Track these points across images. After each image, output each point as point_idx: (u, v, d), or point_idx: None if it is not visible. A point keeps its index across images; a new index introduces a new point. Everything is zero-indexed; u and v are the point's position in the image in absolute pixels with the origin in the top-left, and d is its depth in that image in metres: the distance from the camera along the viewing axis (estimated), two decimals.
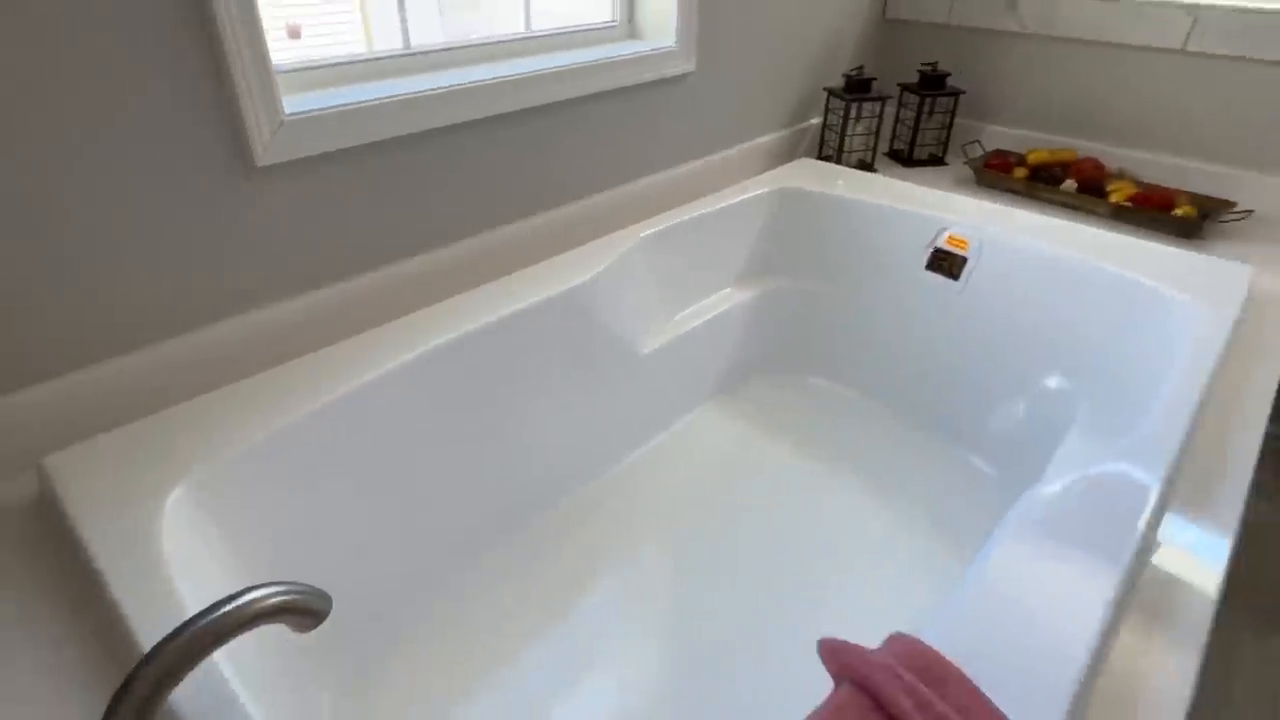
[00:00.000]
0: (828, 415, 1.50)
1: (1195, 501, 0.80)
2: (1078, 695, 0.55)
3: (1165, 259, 1.24)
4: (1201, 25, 1.50)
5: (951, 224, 1.41)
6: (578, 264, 1.22)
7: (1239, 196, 1.53)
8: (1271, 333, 1.12)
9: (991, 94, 1.81)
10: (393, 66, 1.06)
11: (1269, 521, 1.44)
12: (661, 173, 1.44)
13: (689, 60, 1.37)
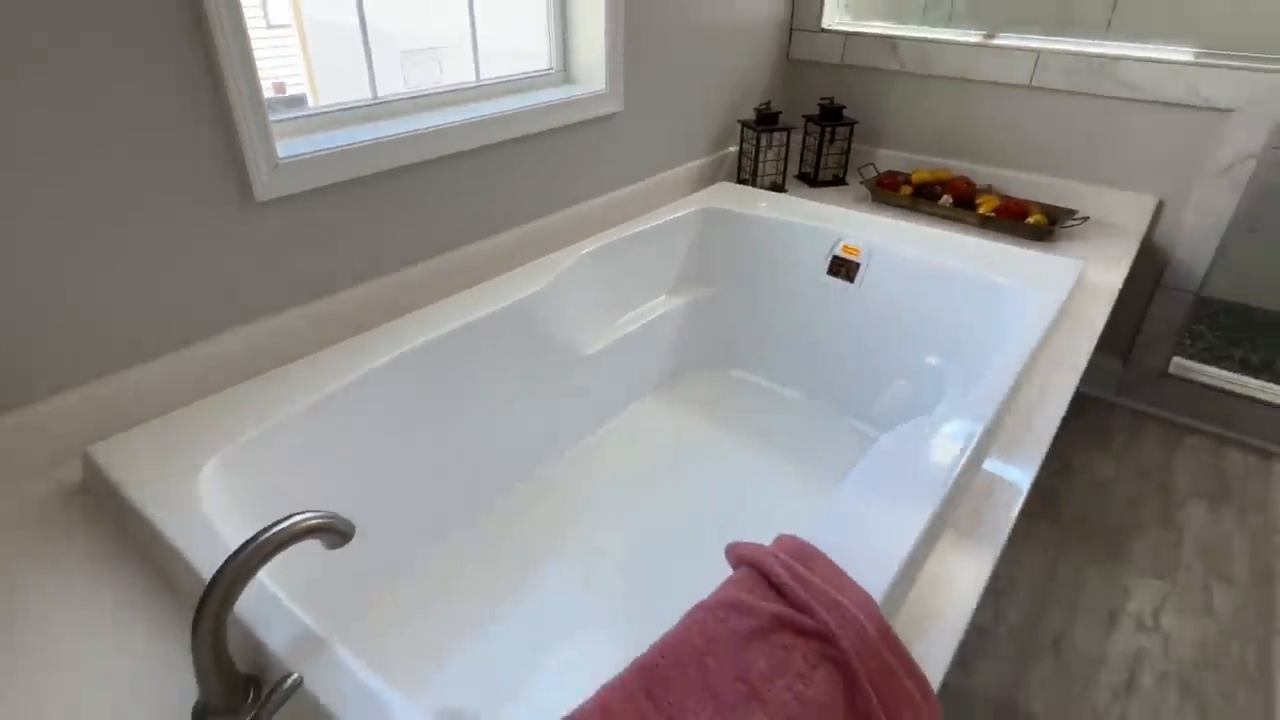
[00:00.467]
0: (750, 401, 1.73)
1: (1012, 442, 1.04)
2: (902, 567, 0.76)
3: (1018, 259, 1.52)
4: (1042, 65, 1.80)
5: (847, 235, 1.66)
6: (528, 278, 1.42)
7: (1079, 205, 1.83)
8: (1091, 309, 1.39)
9: (881, 123, 2.10)
10: (365, 114, 1.25)
11: (1115, 477, 1.72)
12: (599, 198, 1.65)
13: (618, 101, 1.59)
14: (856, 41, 2.05)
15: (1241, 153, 1.63)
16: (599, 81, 1.55)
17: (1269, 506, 1.64)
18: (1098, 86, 1.75)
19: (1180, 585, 1.44)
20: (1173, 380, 1.91)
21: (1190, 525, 1.58)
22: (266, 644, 0.68)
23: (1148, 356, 1.92)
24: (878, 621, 0.68)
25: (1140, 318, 1.89)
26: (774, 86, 2.14)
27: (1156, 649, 1.31)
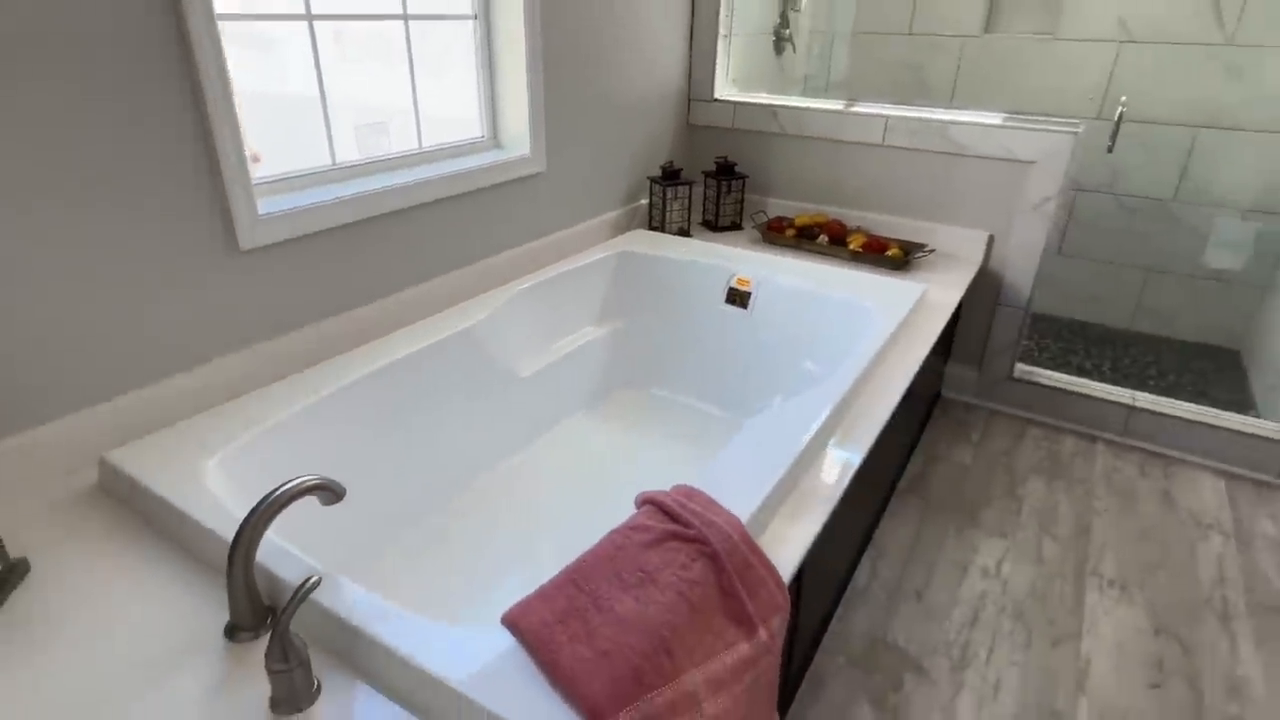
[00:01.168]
0: (667, 413, 1.99)
1: (852, 429, 1.34)
2: (763, 501, 1.03)
3: (876, 284, 1.86)
4: (890, 128, 2.20)
5: (740, 270, 1.98)
6: (471, 311, 1.67)
7: (928, 240, 2.21)
8: (932, 320, 1.73)
9: (769, 176, 2.46)
10: (327, 178, 1.49)
11: (972, 463, 2.06)
12: (529, 243, 1.92)
13: (541, 163, 1.88)
14: (744, 109, 2.42)
15: (1043, 195, 2.04)
16: (524, 147, 1.84)
17: (1089, 479, 2.00)
18: (934, 144, 2.15)
19: (1018, 541, 1.76)
20: (1018, 383, 2.29)
21: (1029, 496, 1.92)
22: (281, 577, 0.89)
23: (996, 364, 2.29)
24: (740, 532, 0.94)
25: (987, 332, 2.27)
26: (677, 147, 2.49)
27: (997, 590, 1.61)
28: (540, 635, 0.79)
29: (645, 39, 2.17)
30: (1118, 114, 2.06)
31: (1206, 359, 2.65)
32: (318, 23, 1.41)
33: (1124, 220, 2.74)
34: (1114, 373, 2.54)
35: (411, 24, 1.62)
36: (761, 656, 0.87)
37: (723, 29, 2.37)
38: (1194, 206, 2.62)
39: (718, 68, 2.42)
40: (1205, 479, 2.01)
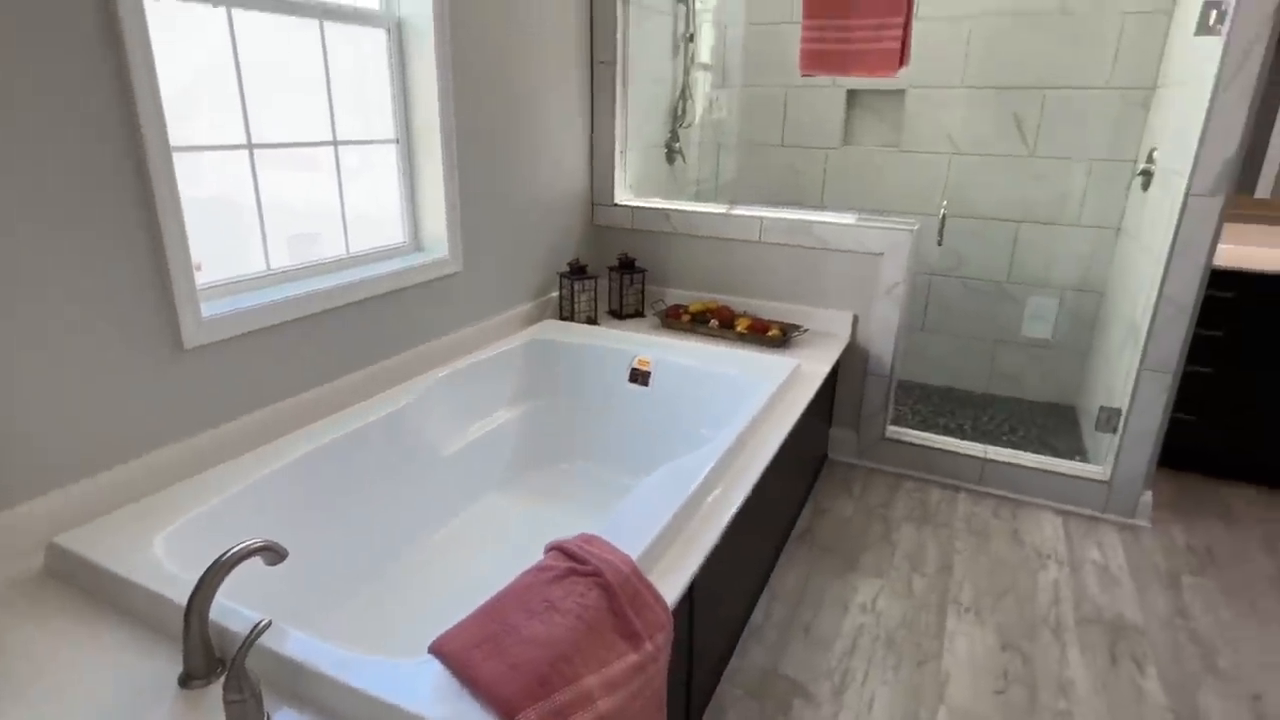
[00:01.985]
0: (577, 483, 2.18)
1: (734, 480, 1.57)
2: (651, 543, 1.24)
3: (757, 361, 2.14)
4: (766, 227, 2.55)
5: (641, 352, 2.23)
6: (396, 397, 1.84)
7: (804, 321, 2.55)
8: (803, 390, 2.02)
9: (666, 270, 2.77)
10: (265, 282, 1.67)
11: (853, 514, 2.32)
12: (449, 334, 2.12)
13: (458, 264, 2.11)
14: (641, 212, 2.74)
15: (893, 281, 2.41)
16: (443, 250, 2.07)
17: (952, 523, 2.29)
18: (803, 240, 2.51)
19: (891, 580, 2.01)
20: (891, 443, 2.60)
21: (901, 541, 2.19)
22: (230, 629, 1.02)
23: (871, 427, 2.60)
24: (630, 566, 1.14)
25: (860, 399, 2.59)
26: (584, 245, 2.78)
27: (873, 623, 1.84)
28: (461, 657, 0.96)
29: (552, 153, 2.48)
30: (940, 215, 2.49)
31: (1049, 415, 3.06)
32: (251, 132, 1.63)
33: (971, 299, 3.19)
34: (974, 431, 2.91)
35: (341, 145, 1.85)
36: (648, 664, 1.05)
37: (619, 145, 2.72)
38: (1024, 286, 3.09)
39: (616, 176, 2.76)
40: (1046, 517, 2.33)
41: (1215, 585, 2.02)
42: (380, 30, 1.89)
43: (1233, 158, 1.94)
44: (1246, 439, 2.52)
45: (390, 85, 1.94)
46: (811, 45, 2.36)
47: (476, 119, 2.10)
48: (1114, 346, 2.59)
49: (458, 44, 1.97)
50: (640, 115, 2.85)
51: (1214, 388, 2.50)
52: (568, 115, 2.55)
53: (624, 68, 2.64)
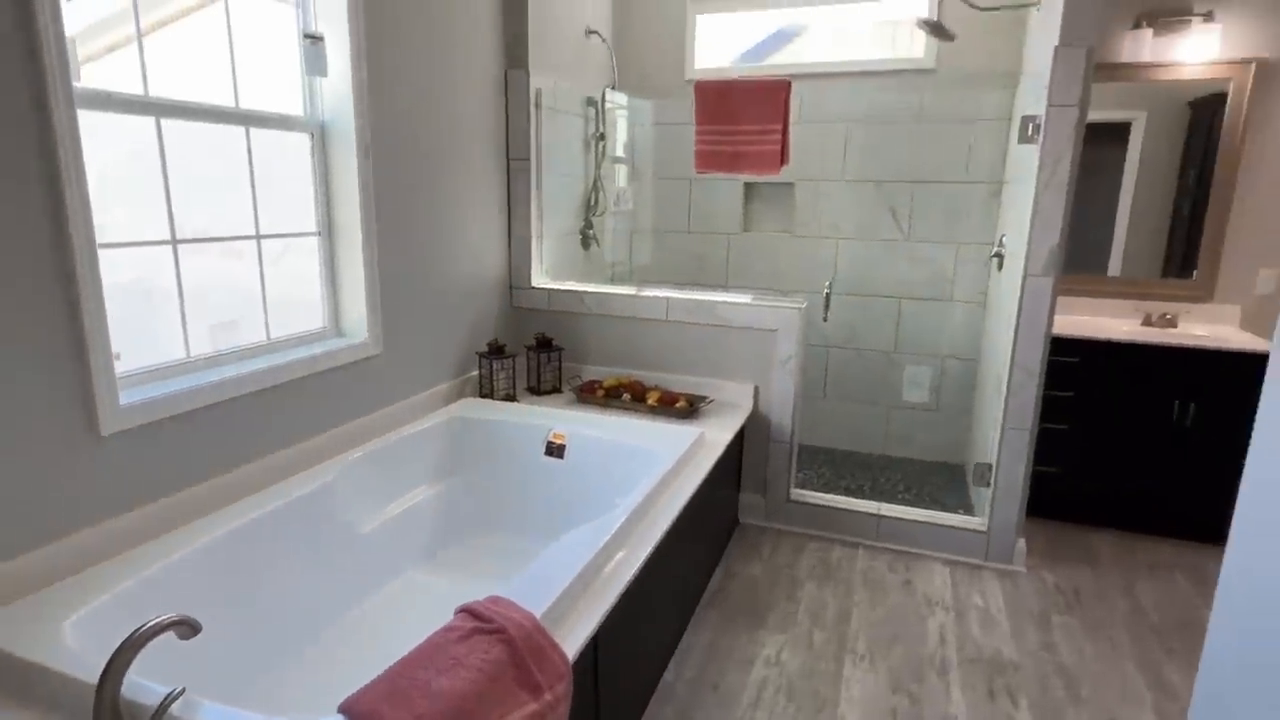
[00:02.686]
0: (496, 555, 2.25)
1: (638, 543, 1.70)
2: (553, 603, 1.34)
3: (666, 431, 2.30)
4: (672, 307, 2.77)
5: (557, 426, 2.36)
6: (314, 477, 1.90)
7: (710, 393, 2.74)
8: (702, 459, 2.18)
9: (582, 347, 2.94)
10: (183, 369, 1.73)
11: (761, 575, 2.46)
12: (370, 414, 2.20)
13: (378, 347, 2.22)
14: (557, 294, 2.92)
15: (788, 354, 2.64)
16: (363, 334, 2.18)
17: (851, 578, 2.45)
18: (706, 318, 2.73)
19: (794, 635, 2.14)
20: (796, 505, 2.78)
21: (805, 598, 2.33)
22: (145, 703, 1.06)
23: (776, 490, 2.78)
24: (533, 623, 1.24)
25: (766, 465, 2.77)
26: (503, 325, 2.93)
27: (776, 675, 1.95)
28: (370, 712, 1.03)
29: (471, 241, 2.65)
30: (825, 294, 2.77)
31: (940, 473, 3.32)
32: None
33: (864, 368, 3.47)
34: (873, 490, 3.13)
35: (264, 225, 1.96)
36: (548, 712, 1.14)
37: (535, 232, 2.92)
38: (909, 355, 3.40)
39: (533, 262, 2.94)
40: (936, 567, 2.53)
41: (1079, 623, 2.23)
42: (304, 134, 2.05)
43: (1056, 245, 2.28)
44: (1104, 488, 2.81)
45: (313, 182, 2.08)
46: (704, 147, 2.64)
47: (397, 211, 2.25)
48: (985, 408, 2.88)
49: (378, 144, 2.14)
50: (555, 205, 3.07)
51: (1071, 443, 2.81)
52: (486, 206, 2.74)
53: (538, 164, 2.87)
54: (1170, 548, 2.72)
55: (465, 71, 2.52)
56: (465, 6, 2.48)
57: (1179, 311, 2.97)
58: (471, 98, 2.57)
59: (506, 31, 2.73)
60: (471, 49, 2.55)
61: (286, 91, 2.02)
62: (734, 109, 2.58)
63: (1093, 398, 2.75)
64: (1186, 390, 2.64)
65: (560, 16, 2.99)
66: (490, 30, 2.65)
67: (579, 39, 3.18)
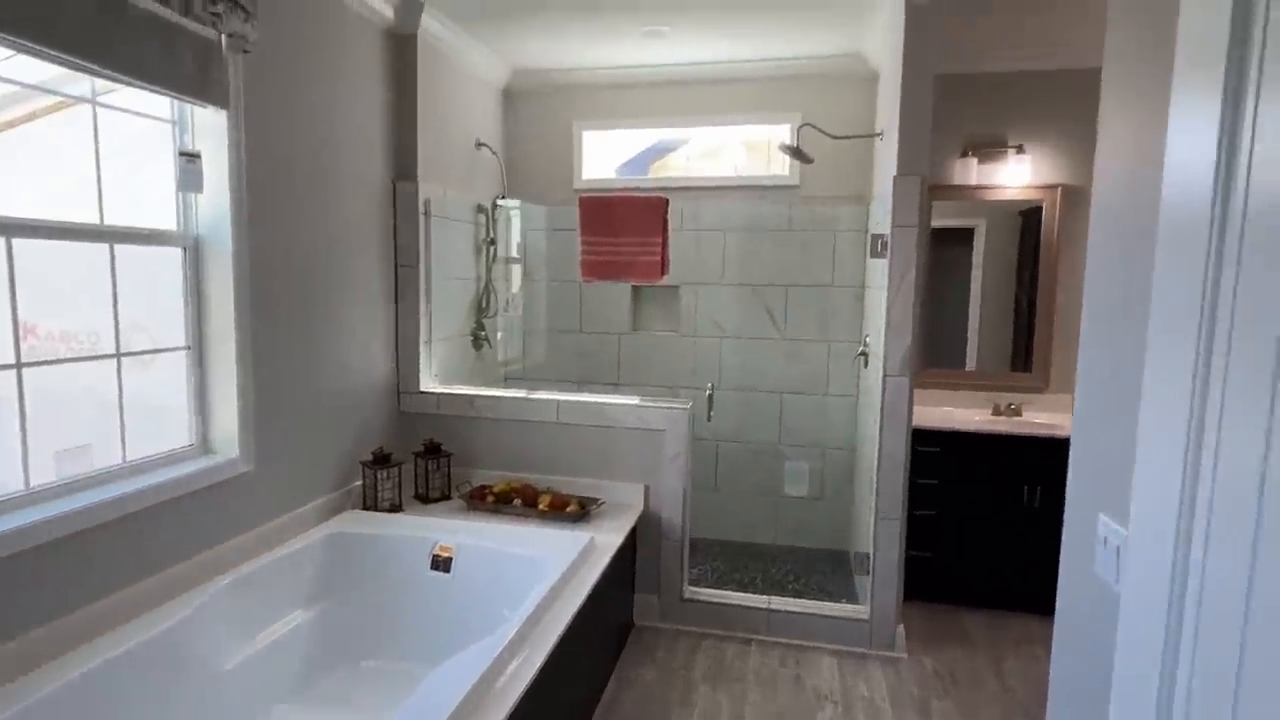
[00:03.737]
0: (376, 682, 2.12)
1: (526, 657, 1.67)
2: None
3: (555, 538, 2.29)
4: (562, 409, 2.81)
5: (443, 539, 2.30)
6: (177, 608, 1.75)
7: (602, 494, 2.76)
8: (592, 565, 2.18)
9: (473, 451, 2.91)
10: (29, 500, 1.59)
11: (656, 679, 2.44)
12: (240, 537, 2.07)
13: (250, 463, 2.12)
14: (447, 398, 2.91)
15: (675, 452, 2.72)
16: (233, 450, 2.08)
17: (744, 676, 2.47)
18: (596, 420, 2.79)
19: None
20: (690, 603, 2.79)
21: (699, 701, 2.32)
22: None
23: (670, 590, 2.79)
24: None
25: (659, 564, 2.79)
26: (390, 432, 2.86)
27: None
28: None
29: (357, 348, 2.61)
30: (708, 395, 2.90)
31: (828, 562, 3.44)
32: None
33: (753, 461, 3.60)
34: (765, 582, 3.19)
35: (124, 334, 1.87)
36: None
37: (424, 337, 2.92)
38: (794, 447, 3.56)
39: (422, 366, 2.92)
40: (824, 659, 2.59)
41: (956, 707, 2.34)
42: (176, 249, 2.00)
43: (908, 348, 2.51)
44: (972, 570, 3.01)
45: (183, 297, 2.02)
46: (589, 258, 2.77)
47: (277, 321, 2.20)
48: (863, 496, 3.05)
49: (258, 255, 2.11)
50: (446, 308, 3.09)
51: (940, 528, 3.00)
52: (373, 313, 2.72)
53: (427, 269, 2.90)
54: (1035, 623, 2.91)
55: (353, 182, 2.56)
56: (353, 121, 2.55)
57: (1022, 401, 3.29)
58: (359, 208, 2.60)
59: (395, 144, 2.81)
60: (359, 161, 2.60)
61: (158, 205, 1.98)
62: (616, 222, 2.74)
63: (955, 485, 2.97)
64: (1033, 474, 2.90)
65: (450, 129, 3.11)
66: (379, 143, 2.72)
67: (469, 150, 3.30)
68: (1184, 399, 0.80)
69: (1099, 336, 1.15)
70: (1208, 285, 0.75)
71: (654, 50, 3.18)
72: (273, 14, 2.12)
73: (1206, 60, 0.75)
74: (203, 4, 1.76)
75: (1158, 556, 0.85)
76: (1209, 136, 0.73)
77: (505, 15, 2.85)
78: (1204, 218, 0.75)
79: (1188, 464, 0.81)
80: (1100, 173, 1.15)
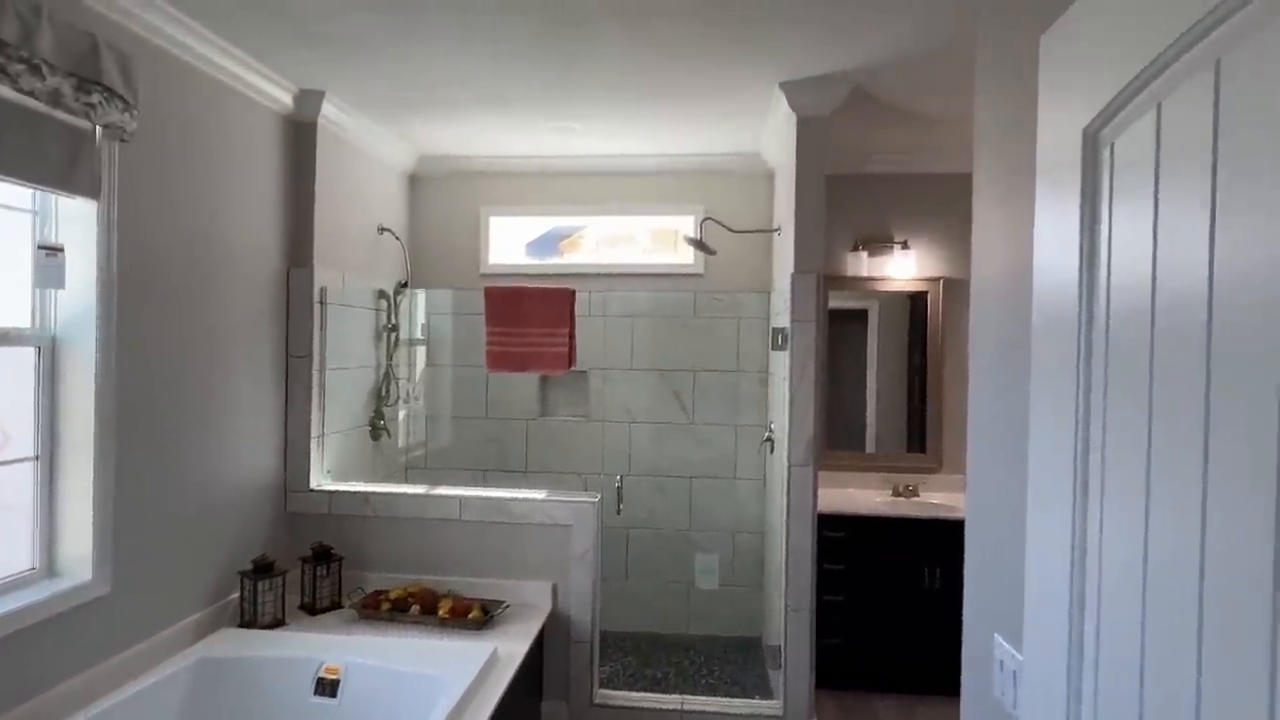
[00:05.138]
0: None
1: None
2: None
3: (456, 651, 2.14)
4: (465, 505, 2.68)
5: (329, 658, 2.11)
6: None
7: (507, 596, 2.62)
8: (496, 679, 2.04)
9: (367, 554, 2.72)
10: None
11: None
12: (93, 668, 1.82)
13: (105, 585, 1.88)
14: (339, 497, 2.72)
15: (584, 548, 2.64)
16: (85, 573, 1.84)
17: None
18: (501, 516, 2.67)
19: None
20: (600, 708, 2.66)
21: None
22: None
23: (580, 695, 2.66)
24: None
25: (567, 668, 2.66)
26: (273, 537, 2.64)
27: None
28: None
29: (238, 446, 2.42)
30: (616, 486, 2.86)
31: (740, 650, 3.39)
32: None
33: (663, 547, 3.55)
34: (677, 676, 3.10)
35: None
36: None
37: (315, 431, 2.75)
38: (704, 533, 3.54)
39: (313, 463, 2.74)
40: None
41: None
42: (29, 349, 1.81)
43: (811, 436, 2.57)
44: (881, 655, 3.03)
45: (35, 403, 1.82)
46: (495, 349, 2.72)
47: (145, 425, 2.02)
48: (773, 584, 3.04)
49: (127, 352, 1.94)
50: (342, 399, 2.94)
51: (848, 613, 3.02)
52: (260, 408, 2.55)
53: (322, 360, 2.76)
54: (944, 706, 2.94)
55: (241, 271, 2.43)
56: (244, 208, 2.44)
57: (918, 482, 3.42)
58: (247, 297, 2.46)
59: (291, 230, 2.70)
60: (249, 249, 2.47)
61: (6, 300, 1.80)
62: (523, 313, 2.72)
63: (860, 569, 3.02)
64: (931, 556, 2.99)
65: (351, 214, 3.03)
66: (272, 230, 2.60)
67: (371, 235, 3.22)
68: (1065, 525, 0.83)
69: (984, 456, 1.19)
70: (1080, 374, 0.79)
71: (563, 142, 3.25)
72: (157, 100, 2.02)
73: (1063, 179, 0.83)
74: (75, 95, 1.65)
75: (1052, 691, 0.86)
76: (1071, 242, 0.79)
77: (413, 108, 2.85)
78: (1071, 316, 0.80)
79: (1074, 584, 0.83)
80: (976, 278, 1.23)
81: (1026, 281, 0.92)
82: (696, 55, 2.31)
